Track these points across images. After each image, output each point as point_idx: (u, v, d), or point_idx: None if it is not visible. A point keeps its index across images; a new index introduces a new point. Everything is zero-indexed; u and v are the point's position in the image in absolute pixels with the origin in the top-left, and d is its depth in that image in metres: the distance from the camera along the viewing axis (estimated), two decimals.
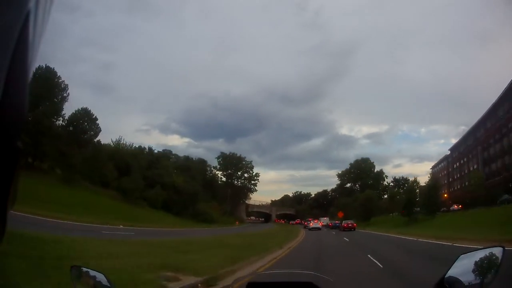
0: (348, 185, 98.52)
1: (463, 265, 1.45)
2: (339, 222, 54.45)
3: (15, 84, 0.52)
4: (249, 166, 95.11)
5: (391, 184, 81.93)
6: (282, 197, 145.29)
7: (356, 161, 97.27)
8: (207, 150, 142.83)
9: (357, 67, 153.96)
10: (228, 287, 4.61)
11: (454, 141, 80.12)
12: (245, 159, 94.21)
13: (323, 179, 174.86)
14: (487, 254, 1.42)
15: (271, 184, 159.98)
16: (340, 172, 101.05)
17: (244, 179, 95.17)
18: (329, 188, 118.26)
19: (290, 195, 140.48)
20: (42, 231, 12.70)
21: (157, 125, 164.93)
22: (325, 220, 64.66)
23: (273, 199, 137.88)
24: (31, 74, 0.58)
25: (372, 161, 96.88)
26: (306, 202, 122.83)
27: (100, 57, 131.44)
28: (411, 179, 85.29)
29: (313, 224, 58.03)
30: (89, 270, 1.66)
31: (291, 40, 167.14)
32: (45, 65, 42.76)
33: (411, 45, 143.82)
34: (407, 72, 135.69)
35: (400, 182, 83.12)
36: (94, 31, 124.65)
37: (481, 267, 1.38)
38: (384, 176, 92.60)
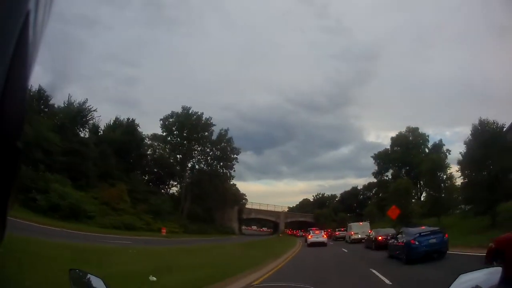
0: (390, 173, 64.27)
1: (462, 285, 1.43)
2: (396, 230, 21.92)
3: (15, 84, 0.51)
4: (224, 136, 62.03)
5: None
6: (301, 202, 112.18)
7: (400, 135, 62.94)
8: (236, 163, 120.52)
9: (382, 70, 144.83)
10: None
11: None
12: (210, 120, 60.42)
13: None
14: (486, 274, 1.45)
15: (301, 195, 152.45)
16: (376, 153, 66.97)
17: (213, 158, 61.68)
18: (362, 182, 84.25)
19: (311, 199, 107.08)
20: None
21: None
22: (360, 227, 35.34)
23: (290, 206, 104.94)
24: (31, 74, 0.56)
25: (423, 132, 62.56)
26: (329, 206, 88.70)
27: (123, 71, 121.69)
28: None
29: (312, 236, 34.48)
30: (87, 273, 1.65)
31: (315, 46, 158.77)
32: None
33: (435, 42, 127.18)
34: (432, 71, 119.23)
35: None
36: (114, 46, 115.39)
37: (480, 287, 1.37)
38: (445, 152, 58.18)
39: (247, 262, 15.20)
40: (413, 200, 43.83)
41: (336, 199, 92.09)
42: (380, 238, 21.98)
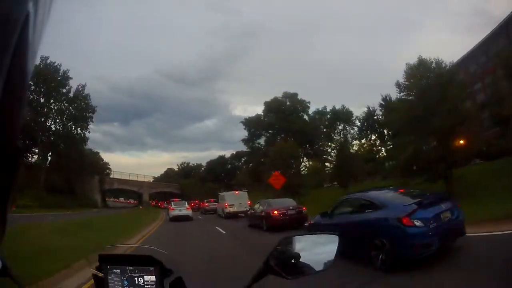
0: (263, 140, 62.00)
1: (292, 246, 1.35)
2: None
3: (15, 84, 0.51)
4: (80, 93, 52.93)
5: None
6: (166, 171, 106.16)
7: (275, 100, 60.50)
8: (103, 135, 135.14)
9: (258, 49, 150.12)
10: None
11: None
12: (68, 73, 50.69)
13: None
14: (325, 239, 1.46)
15: (166, 167, 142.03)
16: (246, 118, 64.39)
17: (69, 117, 51.78)
18: (227, 154, 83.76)
19: (176, 168, 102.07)
20: None
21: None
22: (237, 198, 28.18)
23: (155, 176, 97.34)
24: (31, 74, 0.56)
25: (302, 99, 61.47)
26: (195, 176, 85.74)
27: None
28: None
29: (174, 208, 28.36)
30: None
31: (193, 20, 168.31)
32: None
33: (319, 30, 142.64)
34: (314, 55, 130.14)
35: None
36: None
37: (318, 252, 1.37)
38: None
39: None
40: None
41: (202, 168, 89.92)
42: (275, 213, 15.68)
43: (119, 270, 1.83)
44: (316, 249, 1.39)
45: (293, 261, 1.31)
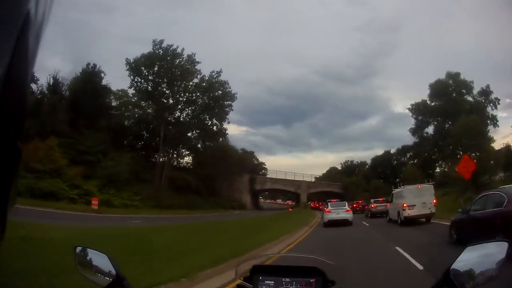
0: (430, 129, 52.41)
1: (469, 258, 1.39)
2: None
3: (15, 84, 0.51)
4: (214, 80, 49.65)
5: None
6: (328, 171, 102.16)
7: (439, 81, 49.88)
8: (265, 138, 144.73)
9: (405, 41, 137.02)
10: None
11: None
12: (194, 56, 47.81)
13: None
14: (494, 247, 1.41)
15: (329, 166, 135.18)
16: (413, 104, 54.38)
17: (202, 107, 49.74)
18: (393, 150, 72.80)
19: (339, 167, 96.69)
20: None
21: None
22: (419, 193, 20.04)
23: (317, 176, 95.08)
24: (31, 74, 0.57)
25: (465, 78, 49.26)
26: (359, 174, 78.39)
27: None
28: None
29: (331, 211, 23.64)
30: (92, 250, 1.65)
31: (340, 18, 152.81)
32: None
33: (455, 13, 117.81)
34: (452, 42, 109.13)
35: None
36: (136, 29, 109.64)
37: (487, 261, 1.33)
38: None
39: None
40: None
41: (367, 166, 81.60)
42: None
43: (273, 282, 1.79)
44: (486, 259, 1.35)
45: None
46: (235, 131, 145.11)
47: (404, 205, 19.72)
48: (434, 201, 19.83)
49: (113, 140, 39.49)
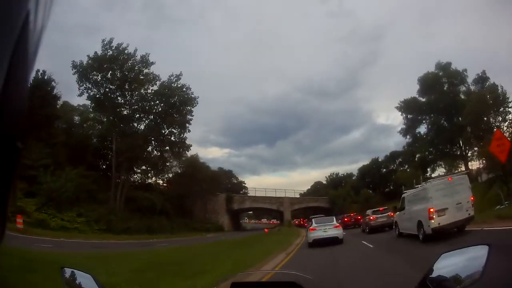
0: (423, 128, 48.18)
1: (446, 265, 1.38)
2: None
3: (15, 84, 0.51)
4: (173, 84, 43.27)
5: None
6: (313, 186, 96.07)
7: (428, 74, 45.74)
8: (249, 158, 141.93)
9: (388, 50, 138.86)
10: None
11: None
12: (148, 57, 40.87)
13: None
14: (472, 253, 1.39)
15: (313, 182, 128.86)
16: (402, 101, 49.92)
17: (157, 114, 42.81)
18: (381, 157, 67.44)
19: (324, 181, 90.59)
20: None
21: (194, 139, 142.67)
22: (452, 189, 13.40)
23: (301, 193, 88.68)
24: (31, 74, 0.57)
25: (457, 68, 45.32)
26: (346, 186, 72.20)
27: None
28: None
29: (315, 228, 18.96)
30: (78, 271, 1.70)
31: (321, 31, 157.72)
32: None
33: (439, 17, 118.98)
34: (436, 48, 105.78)
35: None
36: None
37: (466, 267, 1.32)
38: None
39: None
40: None
41: (354, 177, 75.79)
42: None
43: None
44: (466, 264, 1.34)
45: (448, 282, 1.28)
46: (218, 154, 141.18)
47: (431, 209, 13.05)
48: (471, 198, 13.42)
49: (70, 157, 34.56)
